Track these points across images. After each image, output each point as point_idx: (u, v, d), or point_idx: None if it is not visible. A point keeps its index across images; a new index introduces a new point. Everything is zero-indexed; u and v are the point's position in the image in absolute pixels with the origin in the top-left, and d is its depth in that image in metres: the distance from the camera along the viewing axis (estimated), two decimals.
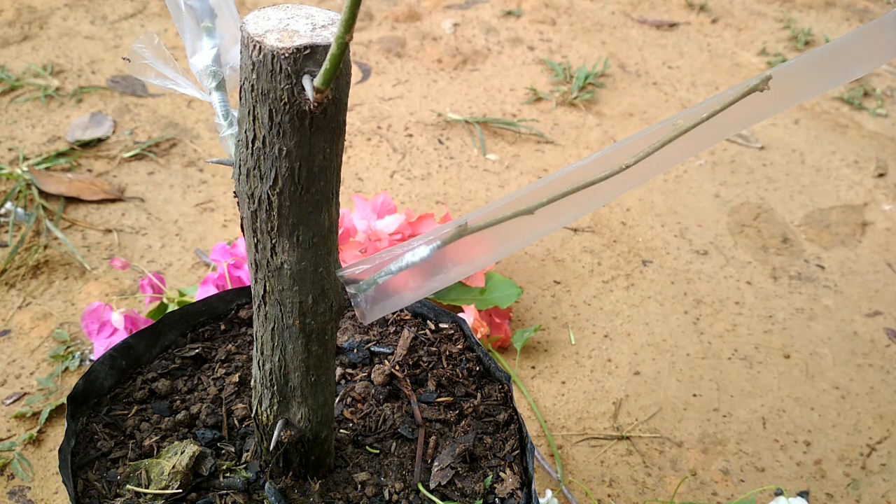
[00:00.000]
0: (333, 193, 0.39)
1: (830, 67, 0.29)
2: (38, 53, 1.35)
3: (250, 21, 0.32)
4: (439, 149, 1.21)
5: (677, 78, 1.47)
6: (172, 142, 1.17)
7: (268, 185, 0.36)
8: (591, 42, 1.57)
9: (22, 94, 1.24)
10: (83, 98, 1.25)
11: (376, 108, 1.30)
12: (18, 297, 0.89)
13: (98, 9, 1.51)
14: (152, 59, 0.38)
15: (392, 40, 1.50)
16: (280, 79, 0.31)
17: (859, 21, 1.77)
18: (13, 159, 1.09)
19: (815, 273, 1.04)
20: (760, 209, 1.15)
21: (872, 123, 1.38)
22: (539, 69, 1.45)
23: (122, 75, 1.32)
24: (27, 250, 0.95)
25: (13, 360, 0.82)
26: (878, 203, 1.19)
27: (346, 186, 1.10)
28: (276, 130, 0.33)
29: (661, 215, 1.12)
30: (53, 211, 1.01)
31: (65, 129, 1.17)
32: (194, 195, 1.07)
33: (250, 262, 0.41)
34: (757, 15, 1.74)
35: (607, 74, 1.46)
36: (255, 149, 0.35)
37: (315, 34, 0.31)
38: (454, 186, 1.13)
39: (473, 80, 1.41)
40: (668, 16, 1.71)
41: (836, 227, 1.13)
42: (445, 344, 0.62)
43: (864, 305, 0.99)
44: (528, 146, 1.24)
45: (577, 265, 1.01)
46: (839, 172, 1.25)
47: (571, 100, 1.35)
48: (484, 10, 1.65)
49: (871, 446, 0.81)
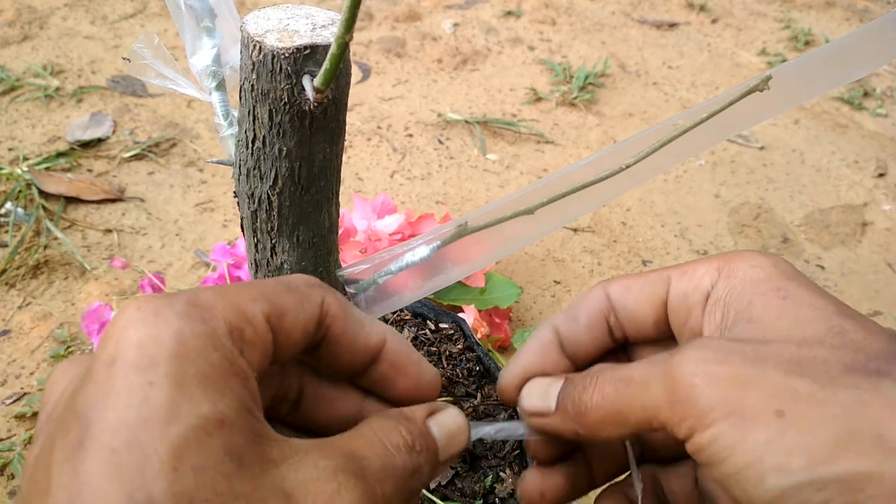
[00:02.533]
0: (333, 193, 0.39)
1: (831, 68, 0.29)
2: (38, 53, 1.35)
3: (250, 21, 0.32)
4: (439, 149, 1.21)
5: (677, 78, 1.47)
6: (172, 142, 1.17)
7: (268, 185, 0.36)
8: (591, 42, 1.57)
9: (22, 94, 1.24)
10: (83, 98, 1.25)
11: (376, 108, 1.30)
12: (18, 297, 0.89)
13: (98, 9, 1.51)
14: (152, 59, 0.38)
15: (392, 40, 1.50)
16: (280, 79, 0.31)
17: (859, 21, 1.77)
18: (13, 159, 1.09)
19: (815, 273, 1.04)
20: (760, 209, 1.15)
21: (872, 123, 1.38)
22: (539, 69, 1.45)
23: (122, 75, 1.32)
24: (27, 250, 0.95)
25: (13, 360, 0.82)
26: (878, 203, 1.19)
27: (346, 186, 1.10)
28: (276, 130, 0.33)
29: (661, 215, 1.12)
30: (53, 211, 1.01)
31: (65, 129, 1.17)
32: (194, 195, 1.07)
33: (250, 262, 0.41)
34: (757, 15, 1.74)
35: (607, 74, 1.46)
36: (255, 149, 0.35)
37: (315, 34, 0.31)
38: (454, 186, 1.13)
39: (473, 80, 1.41)
40: (668, 16, 1.71)
41: (836, 227, 1.13)
42: (445, 344, 0.62)
43: (864, 305, 0.99)
44: (528, 146, 1.24)
45: (577, 265, 1.01)
46: (839, 172, 1.25)
47: (571, 100, 1.35)
48: (484, 10, 1.65)
49: None
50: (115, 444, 0.20)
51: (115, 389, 0.21)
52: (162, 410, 0.21)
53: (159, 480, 0.20)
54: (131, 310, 0.23)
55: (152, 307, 0.23)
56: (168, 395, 0.21)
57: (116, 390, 0.21)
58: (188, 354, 0.22)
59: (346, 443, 0.25)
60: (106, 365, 0.22)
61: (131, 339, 0.22)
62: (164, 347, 0.22)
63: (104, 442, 0.20)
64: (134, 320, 0.22)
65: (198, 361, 0.22)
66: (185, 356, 0.22)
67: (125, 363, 0.21)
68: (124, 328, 0.22)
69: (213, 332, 0.23)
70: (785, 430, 0.23)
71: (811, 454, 0.23)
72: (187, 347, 0.22)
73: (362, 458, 0.25)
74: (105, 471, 0.20)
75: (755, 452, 0.23)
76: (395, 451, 0.26)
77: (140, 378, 0.21)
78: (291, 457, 0.23)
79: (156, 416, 0.21)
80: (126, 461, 0.20)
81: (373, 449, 0.26)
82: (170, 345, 0.22)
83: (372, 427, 0.27)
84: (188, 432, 0.21)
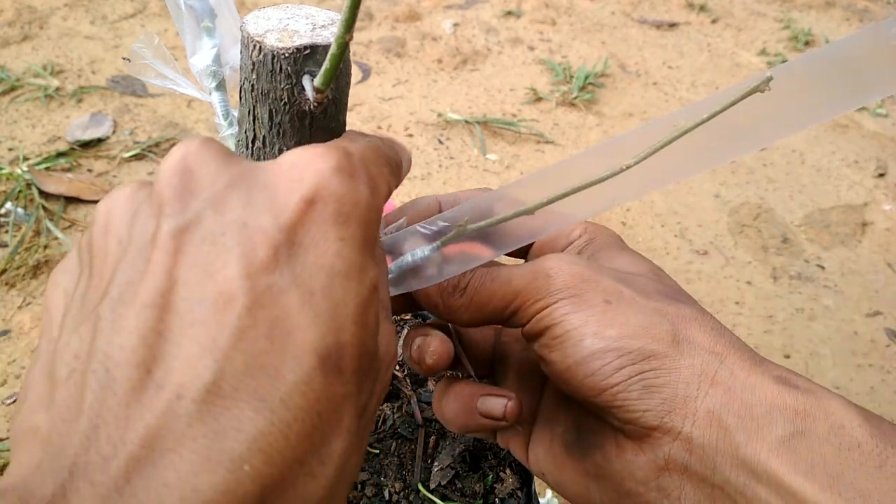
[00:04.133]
0: None
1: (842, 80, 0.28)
2: (38, 53, 1.35)
3: (250, 21, 0.32)
4: (439, 149, 1.21)
5: (677, 78, 1.47)
6: (172, 142, 1.17)
7: None
8: (591, 42, 1.57)
9: (22, 94, 1.24)
10: (83, 98, 1.25)
11: (376, 108, 1.30)
12: (18, 297, 0.89)
13: (98, 9, 1.51)
14: (152, 59, 0.38)
15: (392, 40, 1.50)
16: (280, 79, 0.31)
17: (859, 21, 1.77)
18: (13, 159, 1.09)
19: (815, 273, 1.04)
20: (760, 209, 1.15)
21: (872, 123, 1.38)
22: (539, 69, 1.45)
23: (122, 75, 1.32)
24: (27, 250, 0.95)
25: (13, 360, 0.82)
26: (878, 203, 1.19)
27: None
28: (276, 130, 0.33)
29: (661, 215, 1.12)
30: (53, 211, 1.01)
31: (65, 129, 1.17)
32: None
33: None
34: (757, 15, 1.74)
35: (607, 74, 1.46)
36: (255, 149, 0.35)
37: (315, 34, 0.31)
38: (454, 186, 1.13)
39: (473, 80, 1.41)
40: (668, 16, 1.71)
41: (836, 227, 1.13)
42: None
43: (864, 305, 0.99)
44: (528, 146, 1.24)
45: None
46: (839, 172, 1.25)
47: (571, 100, 1.35)
48: (484, 10, 1.65)
49: None
50: (313, 287, 0.22)
51: (312, 233, 0.23)
52: (353, 269, 0.23)
53: (347, 331, 0.22)
54: (331, 158, 0.24)
55: (349, 166, 0.24)
56: (357, 255, 0.23)
57: (313, 234, 0.23)
58: (370, 223, 0.25)
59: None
60: (304, 200, 0.23)
61: (333, 190, 0.23)
62: (358, 210, 0.24)
63: (305, 280, 0.22)
64: (335, 171, 0.24)
65: (372, 229, 0.25)
66: (368, 223, 0.24)
67: (326, 211, 0.23)
68: (323, 174, 0.24)
69: (379, 206, 0.26)
70: (607, 312, 0.32)
71: (621, 330, 0.31)
72: (370, 216, 0.25)
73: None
74: (301, 307, 0.22)
75: (583, 321, 0.32)
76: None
77: (337, 231, 0.23)
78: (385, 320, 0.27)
79: (346, 271, 0.23)
80: (322, 305, 0.22)
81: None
82: (362, 209, 0.24)
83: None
84: (366, 292, 0.24)
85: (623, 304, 0.32)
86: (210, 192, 0.23)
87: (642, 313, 0.32)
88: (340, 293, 0.23)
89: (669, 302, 0.33)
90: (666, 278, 0.36)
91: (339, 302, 0.23)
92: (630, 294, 0.32)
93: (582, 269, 0.33)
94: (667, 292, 0.34)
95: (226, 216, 0.22)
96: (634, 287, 0.33)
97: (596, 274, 0.33)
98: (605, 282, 0.33)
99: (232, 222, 0.22)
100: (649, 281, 0.34)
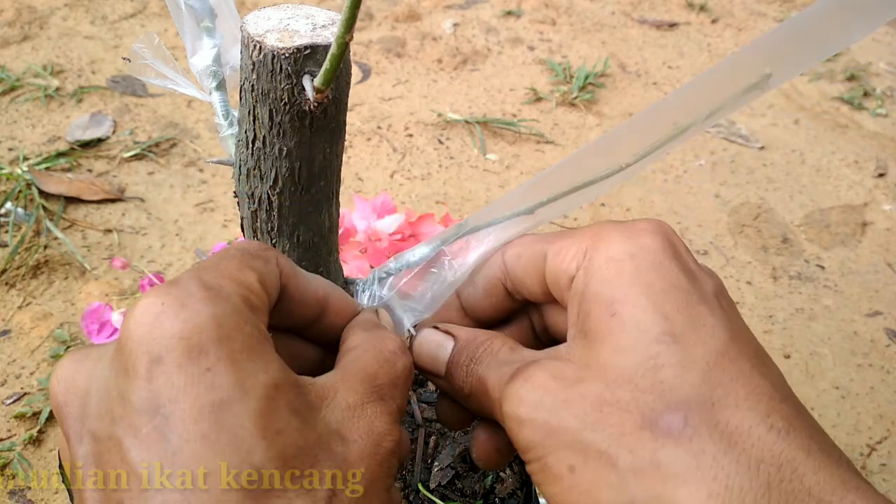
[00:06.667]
0: (333, 193, 0.39)
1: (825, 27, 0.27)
2: (38, 53, 1.35)
3: (250, 21, 0.32)
4: (439, 149, 1.21)
5: (677, 78, 1.47)
6: (172, 142, 1.17)
7: (268, 185, 0.36)
8: (591, 42, 1.57)
9: (22, 94, 1.24)
10: (83, 98, 1.25)
11: (376, 108, 1.30)
12: (18, 297, 0.89)
13: (98, 9, 1.51)
14: (152, 59, 0.38)
15: (392, 40, 1.50)
16: (280, 79, 0.31)
17: None
18: (13, 159, 1.09)
19: (815, 273, 1.04)
20: (760, 209, 1.15)
21: (872, 123, 1.38)
22: (539, 69, 1.46)
23: (122, 75, 1.32)
24: (27, 250, 0.95)
25: (13, 360, 0.82)
26: (878, 203, 1.19)
27: (346, 186, 1.10)
28: (276, 130, 0.33)
29: (661, 215, 1.12)
30: (53, 211, 1.01)
31: (65, 129, 1.17)
32: (194, 195, 1.07)
33: None
34: (757, 15, 1.74)
35: (607, 74, 1.46)
36: (255, 149, 0.35)
37: (315, 34, 0.31)
38: (454, 186, 1.13)
39: (473, 80, 1.41)
40: (668, 16, 1.71)
41: (836, 227, 1.13)
42: None
43: (864, 305, 0.99)
44: (528, 146, 1.24)
45: None
46: (839, 172, 1.25)
47: (571, 100, 1.35)
48: (484, 10, 1.65)
49: (871, 446, 0.81)
50: (205, 431, 0.22)
51: (177, 383, 0.22)
52: (231, 391, 0.22)
53: (257, 451, 0.22)
54: (152, 305, 0.23)
55: (174, 299, 0.23)
56: (229, 376, 0.23)
57: (179, 384, 0.22)
58: (229, 335, 0.23)
59: (359, 366, 0.28)
60: (153, 362, 0.22)
61: (171, 333, 0.23)
62: (207, 334, 0.23)
63: (192, 431, 0.22)
64: (163, 315, 0.23)
65: (238, 338, 0.24)
66: (227, 337, 0.23)
67: (176, 356, 0.22)
68: (155, 324, 0.23)
69: (237, 308, 0.24)
70: (573, 488, 0.26)
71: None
72: (226, 329, 0.23)
73: (375, 378, 0.28)
74: (204, 456, 0.21)
75: (549, 495, 0.27)
76: (393, 358, 0.29)
77: (197, 367, 0.22)
78: (325, 398, 0.26)
79: (228, 397, 0.22)
80: (221, 443, 0.22)
81: (378, 362, 0.29)
82: (211, 330, 0.23)
83: (368, 341, 0.30)
84: (259, 403, 0.23)
85: (590, 470, 0.25)
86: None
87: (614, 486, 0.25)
88: (231, 419, 0.22)
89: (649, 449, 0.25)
90: (673, 352, 0.26)
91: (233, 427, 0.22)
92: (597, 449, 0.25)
93: (546, 415, 0.27)
94: (654, 414, 0.25)
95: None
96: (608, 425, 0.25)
97: (559, 420, 0.26)
98: (568, 434, 0.26)
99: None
100: (635, 392, 0.25)
